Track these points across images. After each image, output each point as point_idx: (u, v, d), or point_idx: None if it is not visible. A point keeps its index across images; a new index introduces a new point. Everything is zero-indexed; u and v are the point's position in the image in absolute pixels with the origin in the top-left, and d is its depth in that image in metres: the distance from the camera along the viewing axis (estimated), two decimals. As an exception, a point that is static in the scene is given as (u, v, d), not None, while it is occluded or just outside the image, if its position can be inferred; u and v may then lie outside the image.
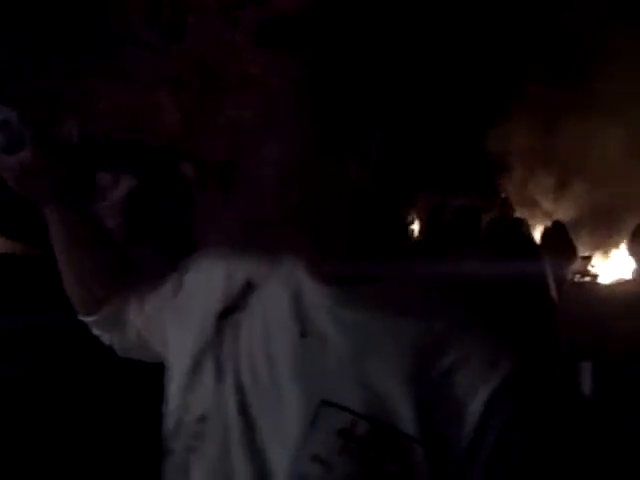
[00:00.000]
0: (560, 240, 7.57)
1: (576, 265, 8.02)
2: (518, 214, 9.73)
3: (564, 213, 13.86)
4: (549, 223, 7.91)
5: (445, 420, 0.76)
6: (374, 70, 0.78)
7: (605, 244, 10.46)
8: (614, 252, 9.65)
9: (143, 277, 1.13)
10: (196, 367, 0.88)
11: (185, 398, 0.88)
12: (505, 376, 0.77)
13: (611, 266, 9.42)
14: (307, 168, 0.78)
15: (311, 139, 0.77)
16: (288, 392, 0.80)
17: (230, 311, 0.90)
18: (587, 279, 8.51)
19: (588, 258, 10.34)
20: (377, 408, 0.77)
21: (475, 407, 0.76)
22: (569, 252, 7.05)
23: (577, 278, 7.91)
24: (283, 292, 0.88)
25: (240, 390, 0.83)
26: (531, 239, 3.45)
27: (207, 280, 0.97)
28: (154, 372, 1.04)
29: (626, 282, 5.01)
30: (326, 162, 0.77)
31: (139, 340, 1.11)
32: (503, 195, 16.96)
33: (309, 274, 0.85)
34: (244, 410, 0.82)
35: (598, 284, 7.68)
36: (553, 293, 3.26)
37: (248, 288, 0.91)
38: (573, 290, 4.83)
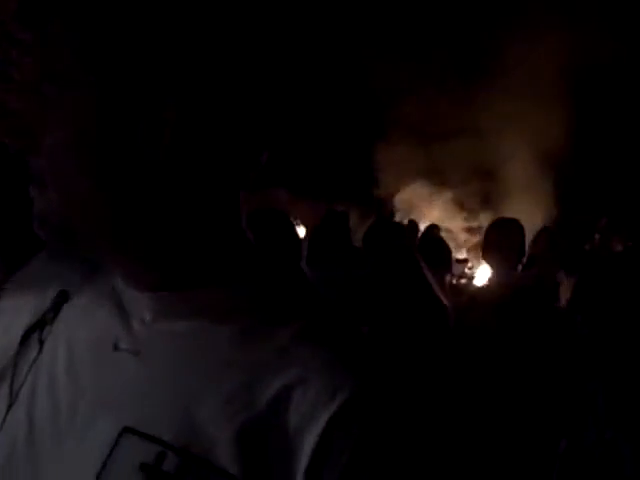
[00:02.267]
0: (435, 243, 7.87)
1: (455, 268, 8.38)
2: (401, 219, 10.03)
3: (440, 218, 14.52)
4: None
5: (275, 455, 0.63)
6: (165, 34, 0.63)
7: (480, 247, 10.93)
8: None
9: None
10: None
11: None
12: (345, 400, 0.63)
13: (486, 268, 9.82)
14: (98, 154, 0.64)
15: (99, 118, 0.63)
16: (90, 417, 0.68)
17: (38, 326, 0.77)
18: (463, 281, 8.84)
19: (465, 261, 10.82)
20: (192, 438, 0.64)
21: (311, 438, 0.62)
22: (443, 255, 7.37)
23: (454, 280, 8.21)
24: (98, 304, 0.76)
25: (30, 418, 0.71)
26: (410, 243, 3.55)
27: (20, 294, 0.83)
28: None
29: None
30: (119, 143, 0.64)
31: None
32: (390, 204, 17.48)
33: (126, 282, 0.72)
34: (32, 440, 0.69)
35: (472, 285, 7.98)
36: (438, 293, 3.36)
37: (60, 300, 0.79)
38: (450, 291, 5.03)
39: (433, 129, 14.73)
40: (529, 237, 6.66)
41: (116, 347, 0.70)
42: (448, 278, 7.45)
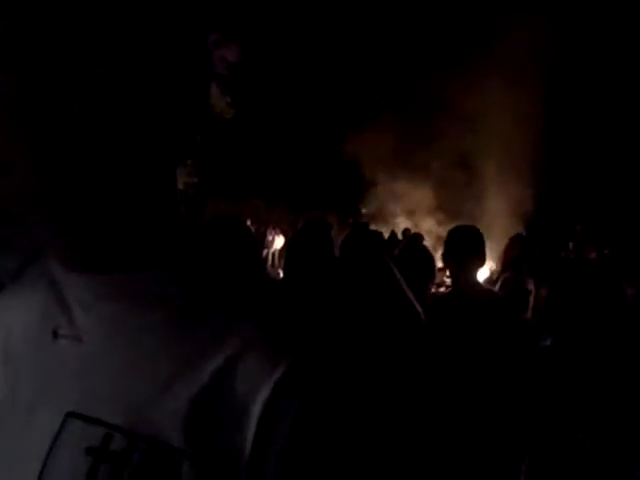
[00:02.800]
0: (418, 252, 7.91)
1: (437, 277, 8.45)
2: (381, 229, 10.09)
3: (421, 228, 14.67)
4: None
5: (223, 427, 0.63)
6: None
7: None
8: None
9: None
10: None
11: None
12: (288, 366, 0.63)
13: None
14: (33, 123, 0.60)
15: (30, 84, 0.59)
16: (32, 406, 0.67)
17: None
18: (442, 289, 8.90)
19: (444, 269, 10.88)
20: (137, 418, 0.63)
21: (256, 408, 0.62)
22: (426, 263, 7.44)
23: (434, 288, 8.27)
24: (35, 292, 0.74)
25: None
26: (382, 250, 3.58)
27: None
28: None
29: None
30: (54, 110, 0.60)
31: None
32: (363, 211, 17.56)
33: (62, 263, 0.70)
34: None
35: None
36: (410, 297, 3.37)
37: None
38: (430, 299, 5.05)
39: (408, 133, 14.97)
40: (504, 242, 6.76)
41: (56, 334, 0.70)
42: (430, 286, 7.53)
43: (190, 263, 0.71)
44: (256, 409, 0.62)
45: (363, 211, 20.36)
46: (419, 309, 3.33)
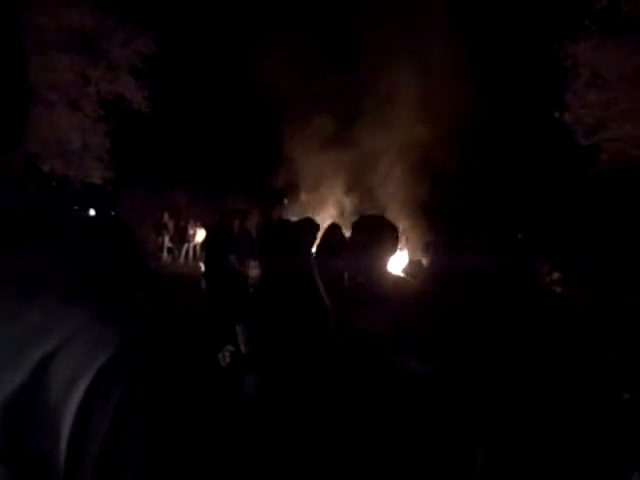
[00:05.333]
0: (336, 240, 8.07)
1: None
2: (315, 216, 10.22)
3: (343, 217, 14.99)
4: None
5: (41, 427, 0.58)
6: None
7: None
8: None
9: None
10: None
11: None
12: (114, 351, 0.60)
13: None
14: None
15: None
16: None
17: None
18: (360, 279, 9.03)
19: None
20: None
21: (78, 394, 0.59)
22: (343, 250, 7.57)
23: (349, 279, 8.39)
24: None
25: None
26: (295, 237, 3.57)
27: None
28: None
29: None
30: None
31: None
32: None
33: None
34: None
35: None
36: (319, 285, 3.40)
37: None
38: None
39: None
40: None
41: None
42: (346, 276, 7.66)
43: (31, 245, 0.66)
44: (77, 396, 0.59)
45: (285, 201, 20.44)
46: (327, 302, 3.32)
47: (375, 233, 3.18)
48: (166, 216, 18.74)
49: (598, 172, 12.92)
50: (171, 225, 18.87)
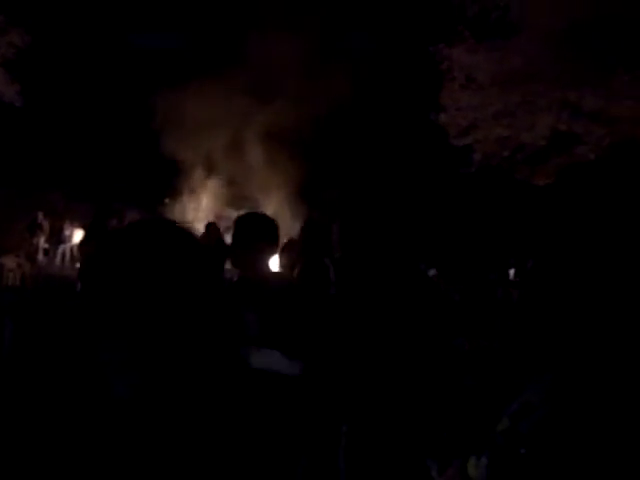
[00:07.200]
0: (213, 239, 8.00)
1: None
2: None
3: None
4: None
5: None
6: None
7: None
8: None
9: None
10: None
11: None
12: None
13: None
14: None
15: None
16: None
17: None
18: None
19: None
20: None
21: None
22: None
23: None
24: None
25: None
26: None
27: None
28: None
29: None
30: None
31: None
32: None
33: None
34: None
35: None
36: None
37: None
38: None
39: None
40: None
41: None
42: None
43: None
44: None
45: (166, 201, 20.16)
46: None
47: (256, 231, 3.19)
48: (40, 216, 17.82)
49: (470, 172, 13.51)
50: (46, 225, 17.99)
